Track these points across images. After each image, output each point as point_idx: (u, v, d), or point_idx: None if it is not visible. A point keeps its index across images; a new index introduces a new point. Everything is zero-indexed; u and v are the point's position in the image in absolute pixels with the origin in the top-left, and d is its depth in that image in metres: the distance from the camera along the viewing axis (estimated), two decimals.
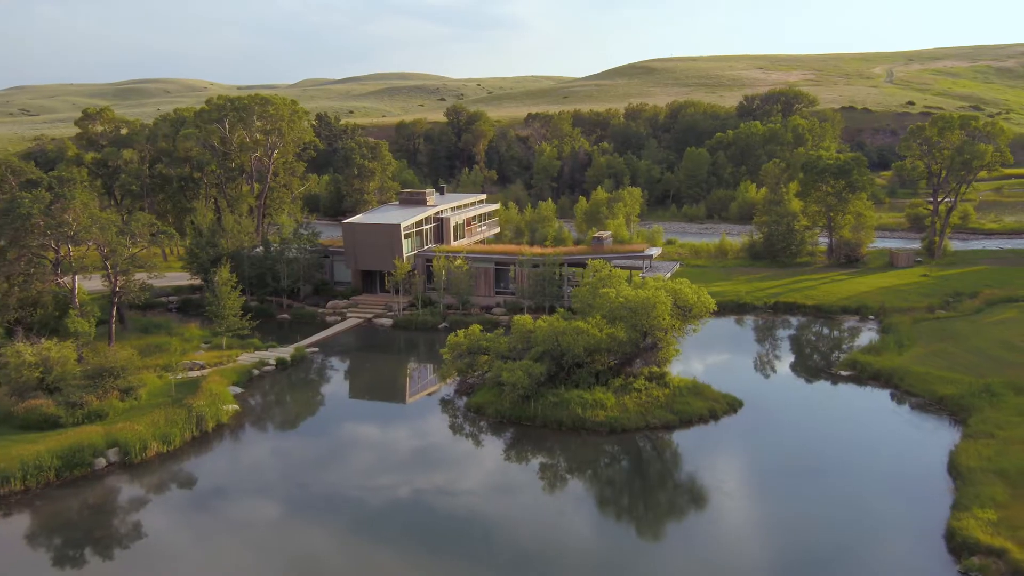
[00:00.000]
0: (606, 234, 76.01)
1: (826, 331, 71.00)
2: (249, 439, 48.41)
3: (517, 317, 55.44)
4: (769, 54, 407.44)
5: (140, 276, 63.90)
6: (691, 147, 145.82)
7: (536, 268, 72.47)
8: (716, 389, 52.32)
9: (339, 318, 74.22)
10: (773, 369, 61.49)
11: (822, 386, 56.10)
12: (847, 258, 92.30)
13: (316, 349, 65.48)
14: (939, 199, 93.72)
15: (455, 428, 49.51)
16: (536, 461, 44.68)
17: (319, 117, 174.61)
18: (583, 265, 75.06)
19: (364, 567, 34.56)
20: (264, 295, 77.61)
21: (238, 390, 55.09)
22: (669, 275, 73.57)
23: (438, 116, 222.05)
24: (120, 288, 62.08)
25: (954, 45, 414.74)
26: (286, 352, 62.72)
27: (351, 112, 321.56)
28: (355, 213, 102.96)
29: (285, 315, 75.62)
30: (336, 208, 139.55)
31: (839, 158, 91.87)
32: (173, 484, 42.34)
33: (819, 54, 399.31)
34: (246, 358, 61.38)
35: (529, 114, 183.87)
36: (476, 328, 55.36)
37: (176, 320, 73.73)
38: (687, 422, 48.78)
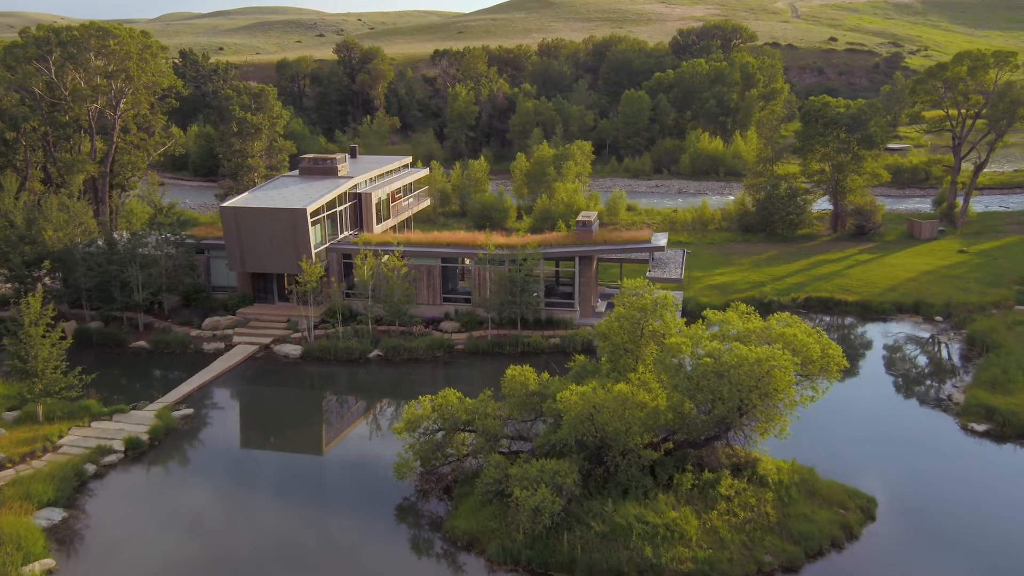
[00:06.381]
0: (591, 216, 55.88)
1: (894, 345, 53.04)
2: None
3: (511, 372, 35.23)
4: None
5: None
6: (628, 90, 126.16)
7: (502, 266, 52.03)
8: (822, 475, 34.01)
9: (222, 344, 51.87)
10: (873, 424, 41.51)
11: (961, 452, 38.09)
12: (858, 228, 75.27)
13: (190, 410, 43.26)
14: (961, 154, 77.85)
15: None
16: None
17: (183, 54, 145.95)
18: (563, 259, 55.02)
19: None
20: (110, 313, 54.13)
21: (58, 516, 32.88)
22: (680, 270, 54.50)
23: (324, 53, 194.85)
24: None
25: None
26: (142, 423, 40.41)
27: (221, 49, 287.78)
28: (237, 183, 79.15)
29: (142, 342, 52.52)
30: (210, 167, 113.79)
31: (851, 105, 74.18)
32: None
33: None
34: (76, 440, 38.87)
35: (436, 51, 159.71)
36: (451, 395, 34.88)
37: None
38: (815, 554, 30.10)
